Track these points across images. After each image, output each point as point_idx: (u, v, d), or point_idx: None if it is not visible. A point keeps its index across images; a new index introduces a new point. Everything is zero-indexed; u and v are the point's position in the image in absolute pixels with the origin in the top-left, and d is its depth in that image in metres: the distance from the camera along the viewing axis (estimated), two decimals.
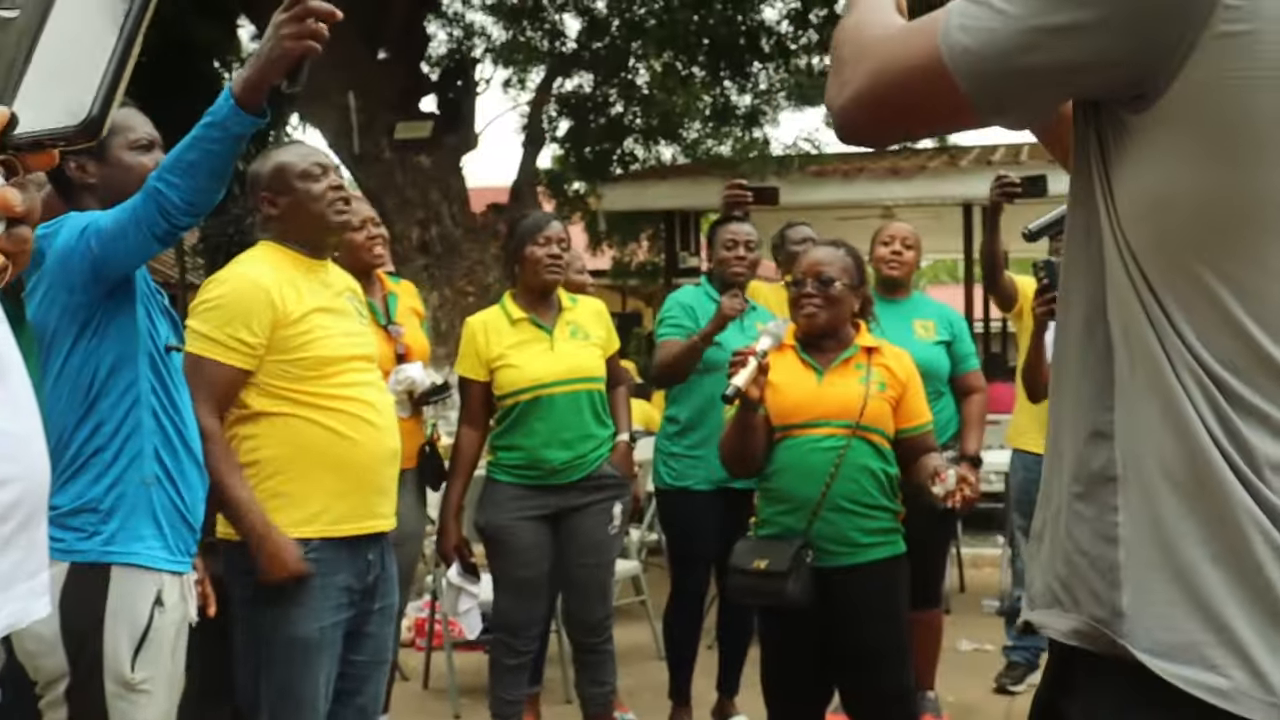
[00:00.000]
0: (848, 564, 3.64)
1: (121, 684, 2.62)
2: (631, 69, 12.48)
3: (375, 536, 3.30)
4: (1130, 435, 1.28)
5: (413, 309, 4.76)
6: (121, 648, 2.63)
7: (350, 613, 3.24)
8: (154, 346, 2.74)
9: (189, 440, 2.80)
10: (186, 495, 2.77)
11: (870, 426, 3.65)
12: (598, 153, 12.65)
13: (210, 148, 2.54)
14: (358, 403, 3.21)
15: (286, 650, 3.14)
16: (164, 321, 2.82)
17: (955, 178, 11.48)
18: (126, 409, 2.68)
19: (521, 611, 4.50)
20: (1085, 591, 1.29)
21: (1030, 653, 5.71)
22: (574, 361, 4.46)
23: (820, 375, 3.73)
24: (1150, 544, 1.25)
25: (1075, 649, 1.29)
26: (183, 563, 2.78)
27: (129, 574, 2.65)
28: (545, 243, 4.49)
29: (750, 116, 12.36)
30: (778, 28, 13.16)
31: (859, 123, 1.41)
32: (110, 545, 2.64)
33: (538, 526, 4.46)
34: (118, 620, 2.63)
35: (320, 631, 3.16)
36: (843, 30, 1.46)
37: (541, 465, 4.43)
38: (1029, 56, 1.25)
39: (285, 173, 3.29)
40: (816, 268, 3.76)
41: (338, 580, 3.19)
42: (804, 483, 3.64)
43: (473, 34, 12.45)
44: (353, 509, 3.20)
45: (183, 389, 2.83)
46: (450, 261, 10.50)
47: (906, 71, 1.33)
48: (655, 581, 6.77)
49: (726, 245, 5.07)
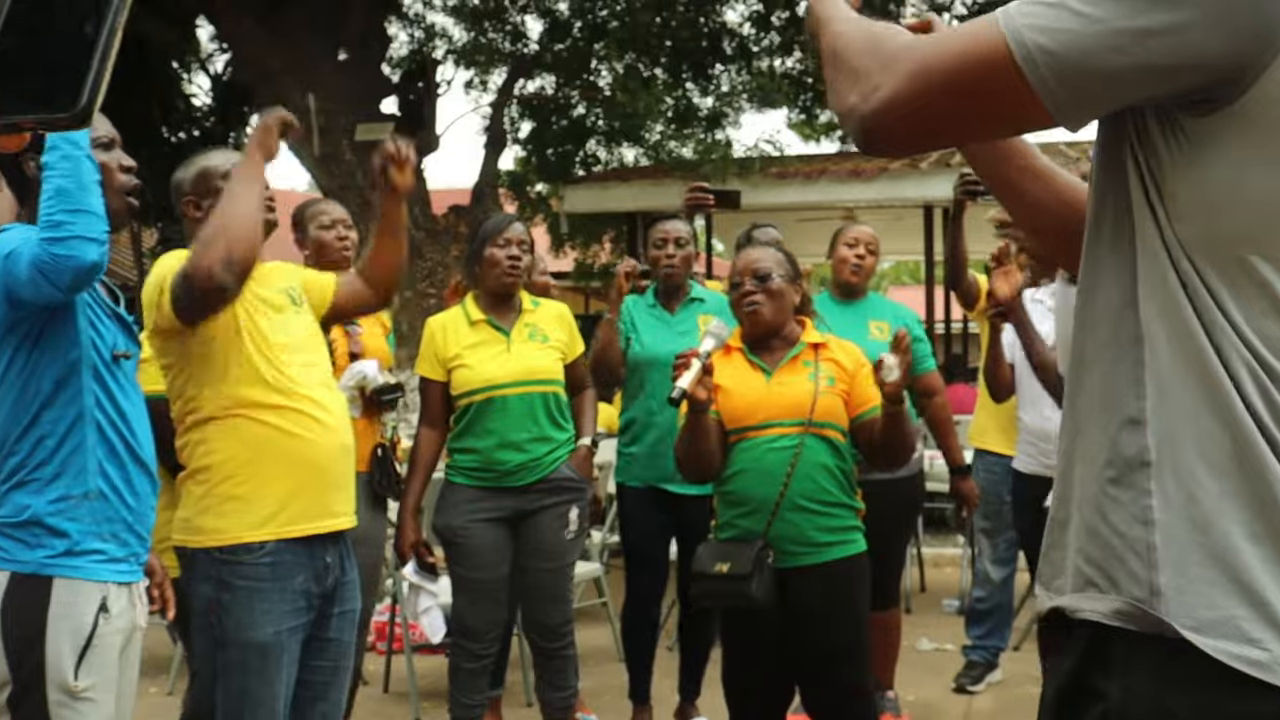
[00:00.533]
0: (808, 564, 3.64)
1: (65, 692, 2.59)
2: (593, 71, 12.50)
3: (333, 537, 3.26)
4: (1165, 421, 1.31)
5: (378, 318, 4.76)
6: (64, 655, 2.59)
7: (309, 616, 3.21)
8: (99, 357, 2.69)
9: (137, 450, 2.75)
10: (134, 505, 2.73)
11: (823, 423, 3.66)
12: (559, 154, 12.65)
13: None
14: (305, 399, 3.18)
15: (243, 655, 3.11)
16: (112, 327, 2.76)
17: (916, 179, 11.53)
18: (70, 423, 2.64)
19: (479, 614, 4.49)
20: (1124, 573, 1.32)
21: (989, 652, 5.75)
22: (529, 363, 4.45)
23: (769, 375, 3.74)
24: (1186, 525, 1.29)
25: (1113, 629, 1.32)
26: (130, 572, 2.74)
27: (72, 584, 2.62)
28: (505, 244, 4.48)
29: (712, 118, 12.39)
30: (739, 30, 13.20)
31: (892, 127, 1.39)
32: (54, 559, 2.61)
33: (495, 529, 4.45)
34: (60, 628, 2.59)
35: (278, 636, 3.13)
36: (841, 39, 1.46)
37: (496, 467, 4.42)
38: (1114, 59, 1.26)
39: (209, 175, 3.25)
40: (751, 265, 3.79)
41: (295, 583, 3.15)
42: (761, 484, 3.64)
43: (434, 35, 12.45)
44: (308, 508, 3.17)
45: (134, 396, 2.78)
46: (411, 263, 10.45)
47: (958, 72, 1.33)
48: (617, 583, 6.77)
49: (656, 243, 5.09)
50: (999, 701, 5.60)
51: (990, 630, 5.75)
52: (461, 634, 4.53)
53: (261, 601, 3.11)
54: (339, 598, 3.31)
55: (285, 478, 3.14)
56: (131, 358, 2.81)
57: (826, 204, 11.67)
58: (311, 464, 3.18)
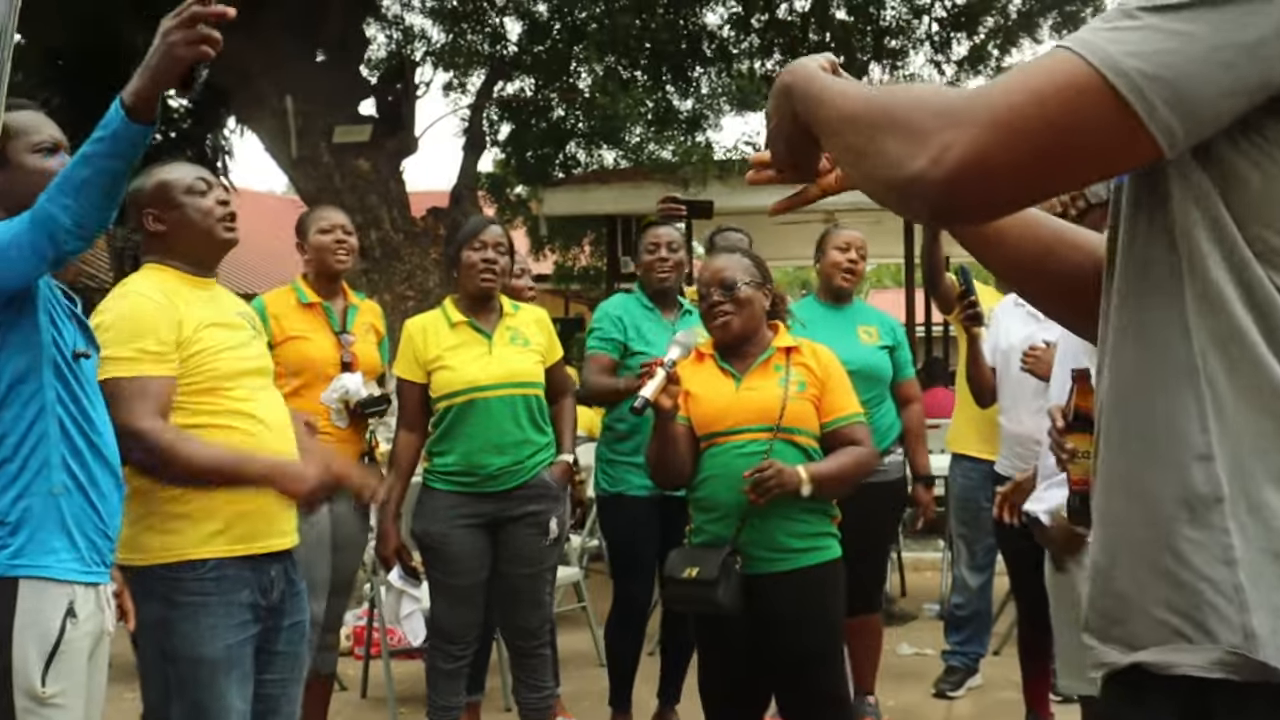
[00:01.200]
0: (779, 570, 3.63)
1: (32, 698, 2.55)
2: (573, 73, 12.47)
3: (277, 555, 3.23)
4: (1233, 453, 1.24)
5: (373, 326, 4.78)
6: (30, 661, 2.55)
7: (255, 629, 3.16)
8: (59, 354, 2.65)
9: (101, 448, 2.72)
10: (100, 505, 2.70)
11: (792, 428, 3.64)
12: (539, 157, 12.62)
13: (102, 163, 2.46)
14: (250, 419, 3.13)
15: (194, 670, 3.06)
16: (71, 327, 2.72)
17: None
18: (31, 419, 2.60)
19: (457, 618, 4.47)
20: (1216, 619, 1.23)
21: (969, 658, 5.75)
22: (511, 366, 4.43)
23: (738, 381, 3.73)
24: (1270, 560, 1.22)
25: (1212, 682, 1.23)
26: (97, 573, 2.71)
27: (38, 586, 2.58)
28: (481, 247, 4.47)
29: (692, 121, 12.38)
30: (719, 32, 13.20)
31: (977, 188, 1.23)
32: (18, 559, 2.57)
33: (474, 534, 4.43)
34: (26, 633, 2.55)
35: (227, 650, 3.08)
36: (871, 104, 1.32)
37: (476, 471, 4.39)
38: (1224, 76, 1.16)
39: (170, 188, 3.19)
40: (717, 275, 3.77)
41: (241, 597, 3.11)
42: (729, 490, 3.63)
43: (412, 37, 12.39)
44: (254, 528, 3.13)
45: (95, 396, 2.75)
46: (389, 266, 10.42)
47: (1049, 115, 1.19)
48: (596, 588, 6.75)
49: (649, 249, 5.10)
50: (978, 706, 5.59)
51: (969, 637, 5.75)
52: (439, 636, 4.52)
53: (208, 617, 3.06)
54: (287, 610, 3.26)
55: (229, 497, 3.08)
56: (90, 358, 2.77)
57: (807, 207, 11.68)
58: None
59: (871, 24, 13.05)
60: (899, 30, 13.12)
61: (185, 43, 2.41)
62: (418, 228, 10.73)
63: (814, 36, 13.16)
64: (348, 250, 4.62)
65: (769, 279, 3.88)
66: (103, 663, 2.79)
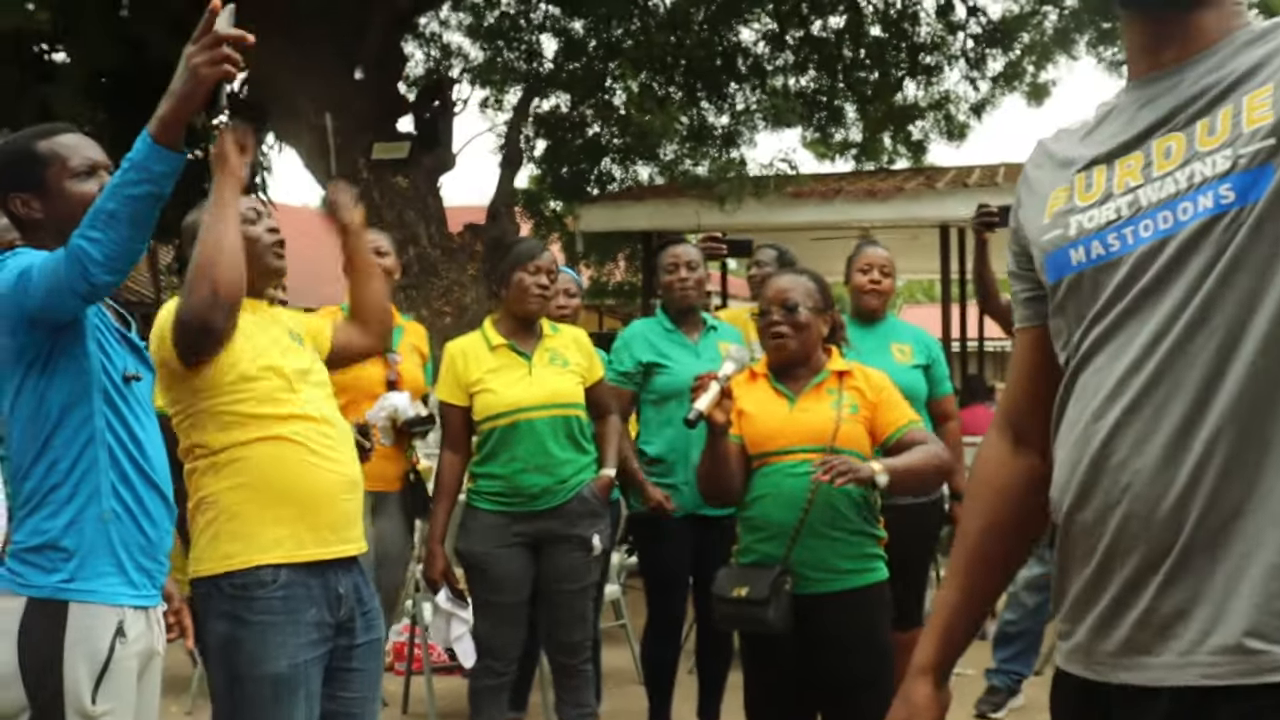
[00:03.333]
0: (829, 590, 3.63)
1: (83, 716, 2.57)
2: (608, 89, 12.51)
3: (345, 565, 3.24)
4: None
5: (416, 348, 4.79)
6: (81, 680, 2.58)
7: (326, 648, 3.18)
8: (109, 380, 2.67)
9: (150, 473, 2.74)
10: (149, 529, 2.72)
11: (845, 450, 3.64)
12: (574, 173, 12.66)
13: (130, 192, 2.45)
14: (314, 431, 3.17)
15: (260, 689, 3.08)
16: (122, 350, 2.75)
17: (932, 199, 11.53)
18: (81, 445, 2.63)
19: (501, 636, 4.49)
20: None
21: (1011, 678, 5.71)
22: (552, 387, 4.45)
23: (792, 402, 3.73)
24: None
25: None
26: (148, 596, 2.73)
27: (88, 608, 2.61)
28: (536, 271, 4.49)
29: (727, 137, 12.41)
30: (754, 49, 13.23)
31: None
32: (69, 583, 2.59)
33: (518, 554, 4.45)
34: (77, 653, 2.58)
35: (294, 668, 3.10)
36: None
37: (520, 491, 4.42)
38: None
39: None
40: (781, 295, 3.77)
41: (308, 616, 3.13)
42: (781, 510, 3.63)
43: (450, 54, 12.47)
44: (317, 535, 3.15)
45: (145, 419, 2.76)
46: (427, 282, 10.47)
47: None
48: (635, 604, 6.75)
49: (668, 269, 5.09)
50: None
51: (1017, 654, 5.71)
52: (483, 654, 4.53)
53: (276, 635, 3.08)
54: (361, 628, 3.28)
55: (293, 506, 3.12)
56: (142, 380, 2.78)
57: (842, 223, 11.67)
58: (320, 495, 3.16)
59: (906, 40, 13.05)
60: (934, 46, 13.12)
61: (209, 63, 2.42)
62: (455, 244, 10.78)
63: (848, 53, 13.18)
64: (386, 271, 4.60)
65: (831, 304, 3.87)
66: (154, 682, 2.81)
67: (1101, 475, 1.51)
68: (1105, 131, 1.63)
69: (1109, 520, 1.50)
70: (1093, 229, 1.57)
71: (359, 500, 3.30)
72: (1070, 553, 1.59)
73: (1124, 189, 1.55)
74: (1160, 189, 1.51)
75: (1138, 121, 1.58)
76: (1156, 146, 1.54)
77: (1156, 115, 1.56)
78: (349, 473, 3.24)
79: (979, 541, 1.81)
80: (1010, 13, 12.82)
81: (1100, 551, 1.52)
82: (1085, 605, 1.56)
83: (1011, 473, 1.79)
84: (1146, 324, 1.48)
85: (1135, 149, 1.57)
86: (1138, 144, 1.57)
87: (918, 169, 13.76)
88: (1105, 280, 1.53)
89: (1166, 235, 1.48)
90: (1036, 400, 1.74)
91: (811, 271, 3.95)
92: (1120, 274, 1.52)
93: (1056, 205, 1.63)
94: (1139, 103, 1.59)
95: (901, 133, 13.84)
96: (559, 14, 12.26)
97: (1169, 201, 1.49)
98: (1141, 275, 1.50)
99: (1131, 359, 1.49)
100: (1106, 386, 1.51)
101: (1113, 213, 1.55)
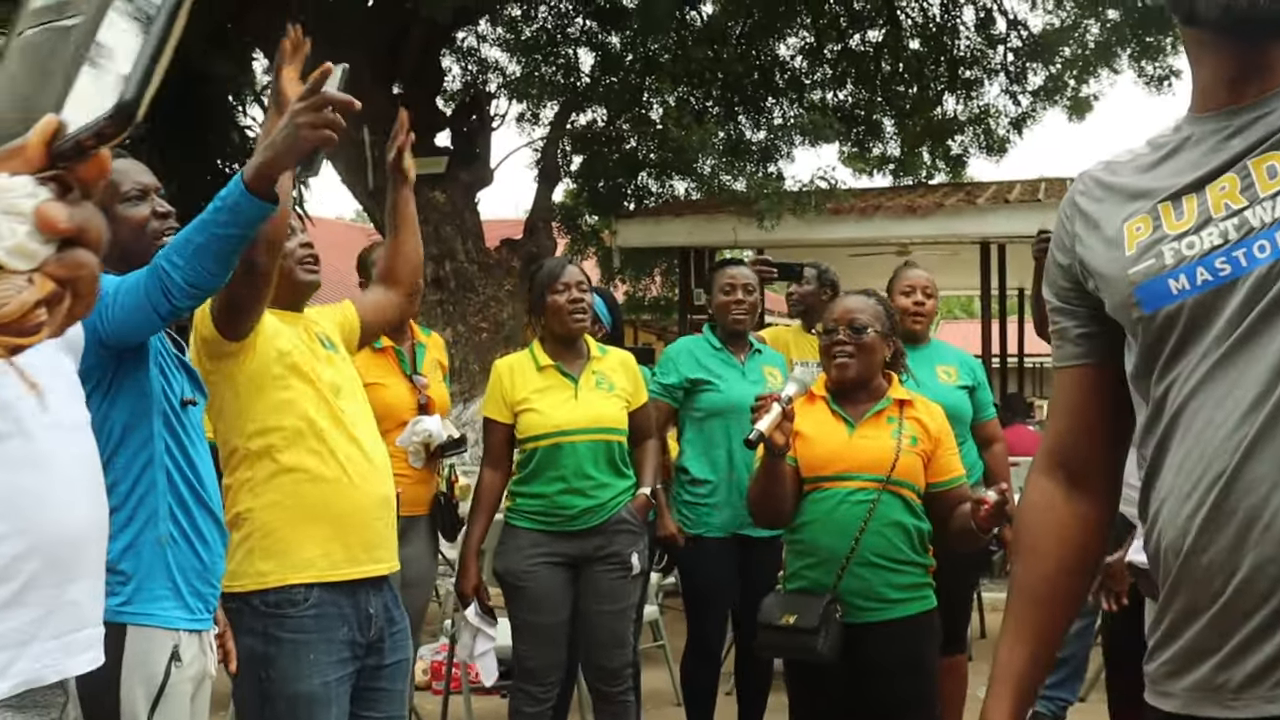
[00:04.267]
0: (877, 620, 3.58)
1: None
2: (645, 104, 12.49)
3: (376, 584, 3.23)
4: None
5: (438, 361, 4.75)
6: (138, 703, 2.59)
7: (355, 667, 3.18)
8: (168, 404, 2.69)
9: (205, 497, 2.75)
10: (203, 553, 2.73)
11: (901, 481, 3.59)
12: (611, 187, 12.64)
13: (218, 231, 2.49)
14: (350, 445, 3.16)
15: (291, 707, 3.07)
16: (180, 375, 2.77)
17: (972, 215, 11.44)
18: (141, 468, 2.64)
19: (540, 658, 4.44)
20: None
21: (1057, 704, 5.62)
22: (597, 411, 4.42)
23: (852, 427, 3.67)
24: None
25: None
26: (201, 620, 2.74)
27: (145, 632, 2.62)
28: (564, 289, 4.45)
29: (764, 152, 12.36)
30: (791, 63, 13.19)
31: None
32: (127, 606, 2.60)
33: (556, 573, 4.42)
34: (134, 676, 2.59)
35: (325, 687, 3.09)
36: None
37: (559, 512, 4.39)
38: None
39: None
40: (848, 315, 3.70)
41: (340, 634, 3.13)
42: (833, 536, 3.58)
43: (488, 69, 12.47)
44: (350, 554, 3.15)
45: (200, 444, 2.78)
46: (464, 297, 10.46)
47: None
48: (673, 625, 6.69)
49: (725, 290, 5.06)
50: None
51: (1062, 680, 5.61)
52: (522, 677, 4.49)
53: (308, 653, 3.08)
54: (389, 648, 3.27)
55: (327, 525, 3.12)
56: (198, 404, 2.81)
57: (881, 240, 11.60)
58: (354, 514, 3.15)
59: (945, 54, 12.99)
60: (973, 60, 13.04)
61: (311, 126, 2.45)
62: (492, 259, 10.77)
63: (887, 67, 13.12)
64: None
65: (895, 329, 3.83)
66: (204, 706, 2.82)
67: (1230, 515, 1.44)
68: (1183, 161, 1.56)
69: (1240, 561, 1.43)
70: (1194, 255, 1.49)
71: (392, 518, 3.30)
72: (1183, 593, 1.52)
73: (1225, 212, 1.48)
74: (1273, 209, 1.44)
75: (1226, 150, 1.52)
76: (1255, 167, 1.47)
77: (1248, 142, 1.49)
78: (383, 491, 3.24)
79: (1041, 591, 1.74)
80: (1051, 26, 12.73)
81: (1230, 592, 1.46)
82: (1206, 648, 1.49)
83: (1069, 517, 1.73)
84: (1269, 349, 1.41)
85: (1228, 171, 1.50)
86: (1230, 166, 1.50)
87: (958, 184, 13.67)
88: (1218, 306, 1.46)
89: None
90: (1094, 441, 1.69)
91: (879, 294, 3.90)
92: (1236, 299, 1.44)
93: (1139, 236, 1.56)
94: (1222, 134, 1.53)
95: (940, 147, 13.75)
96: (596, 28, 12.25)
97: None
98: (1260, 298, 1.42)
99: (1257, 388, 1.42)
100: (1229, 419, 1.44)
101: (1218, 237, 1.48)
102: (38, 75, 0.89)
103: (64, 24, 0.90)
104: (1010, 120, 13.03)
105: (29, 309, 0.83)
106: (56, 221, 0.83)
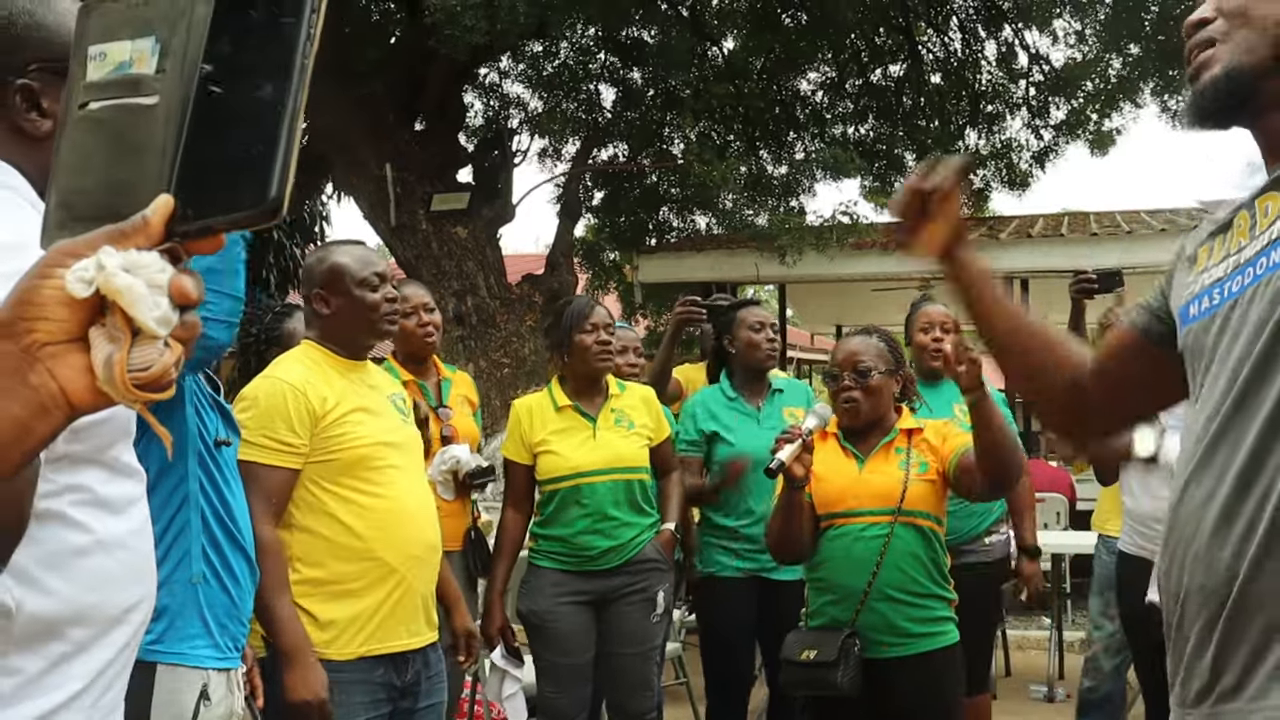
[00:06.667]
0: (898, 655, 3.58)
1: None
2: (667, 139, 12.50)
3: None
4: None
5: (466, 398, 4.76)
6: None
7: (387, 709, 3.18)
8: (203, 444, 2.71)
9: (238, 535, 2.77)
10: (234, 591, 2.75)
11: (913, 511, 3.60)
12: (632, 222, 12.65)
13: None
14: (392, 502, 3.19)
15: None
16: (214, 415, 2.79)
17: (995, 249, 11.41)
18: (175, 509, 2.65)
19: (564, 698, 4.43)
20: None
21: None
22: (615, 451, 4.40)
23: (861, 463, 3.71)
24: None
25: None
26: (230, 658, 2.75)
27: (175, 671, 2.63)
28: (592, 330, 4.44)
29: (786, 187, 12.34)
30: (813, 98, 13.18)
31: None
32: (157, 645, 2.61)
33: (580, 612, 4.40)
34: (162, 714, 2.59)
35: None
36: None
37: (581, 552, 4.39)
38: None
39: (343, 276, 3.28)
40: (852, 359, 3.72)
41: (375, 676, 3.16)
42: (849, 573, 3.60)
43: (509, 104, 12.51)
44: (390, 632, 3.19)
45: (234, 483, 2.80)
46: (485, 333, 10.46)
47: None
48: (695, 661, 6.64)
49: (754, 327, 5.01)
50: None
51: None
52: (547, 715, 4.46)
53: (343, 694, 3.10)
54: (424, 691, 3.27)
55: (370, 600, 3.15)
56: (231, 444, 2.82)
57: (903, 274, 11.55)
58: (398, 589, 3.19)
59: (967, 89, 12.97)
60: (995, 95, 13.01)
61: None
62: (513, 295, 10.77)
63: (908, 101, 13.11)
64: (432, 329, 4.52)
65: (902, 363, 3.83)
66: None
67: (1176, 543, 1.51)
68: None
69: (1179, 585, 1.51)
70: (1201, 286, 1.60)
71: (434, 580, 3.32)
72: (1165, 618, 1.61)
73: (1236, 248, 1.56)
74: (1257, 244, 1.51)
75: (1254, 189, 1.60)
76: (1259, 204, 1.55)
77: (1267, 180, 1.58)
78: (428, 557, 3.26)
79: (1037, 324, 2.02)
80: (1073, 60, 12.70)
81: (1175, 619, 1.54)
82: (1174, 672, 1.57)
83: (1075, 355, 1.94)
84: (1219, 381, 1.48)
85: (1244, 209, 1.58)
86: (1247, 205, 1.58)
87: (980, 219, 13.64)
88: (1204, 335, 1.56)
89: (1243, 290, 1.49)
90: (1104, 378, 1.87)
91: (882, 331, 3.90)
92: (1214, 328, 1.53)
93: (1198, 267, 1.67)
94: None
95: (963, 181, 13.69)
96: (618, 64, 12.28)
97: (1260, 253, 1.49)
98: (1227, 329, 1.50)
99: (1206, 412, 1.50)
100: (1187, 447, 1.52)
101: (1221, 270, 1.57)
102: (123, 153, 0.95)
103: (141, 102, 0.95)
104: (1033, 154, 12.98)
105: (169, 370, 0.91)
106: (190, 294, 0.91)
